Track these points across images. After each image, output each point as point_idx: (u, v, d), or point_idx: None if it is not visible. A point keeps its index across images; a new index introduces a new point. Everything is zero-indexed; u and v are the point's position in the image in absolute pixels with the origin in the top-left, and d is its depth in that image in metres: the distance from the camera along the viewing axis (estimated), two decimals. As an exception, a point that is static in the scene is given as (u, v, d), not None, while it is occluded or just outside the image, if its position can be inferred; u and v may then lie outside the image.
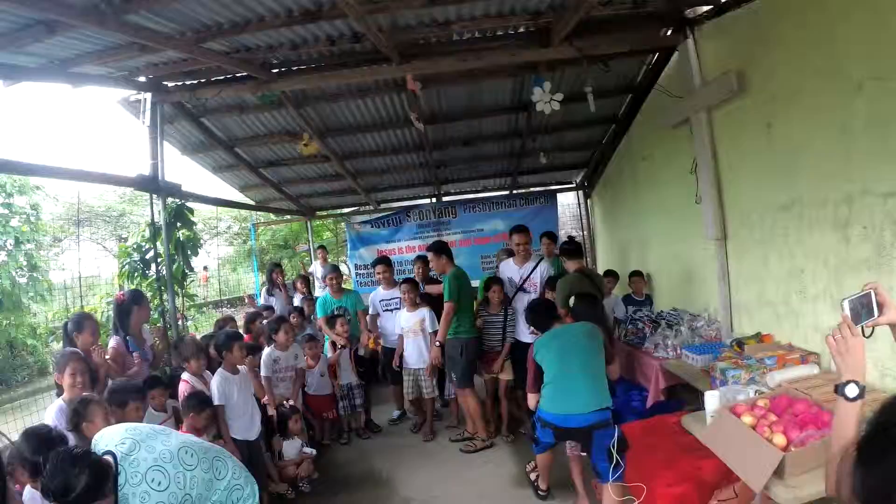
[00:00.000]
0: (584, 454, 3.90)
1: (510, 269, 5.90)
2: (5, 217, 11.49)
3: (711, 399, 3.02)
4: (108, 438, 2.36)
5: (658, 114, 5.84)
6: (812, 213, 3.66)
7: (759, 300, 4.38)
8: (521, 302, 5.56)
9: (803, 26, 3.59)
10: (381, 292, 6.56)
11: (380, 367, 6.86)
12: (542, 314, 4.24)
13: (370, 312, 6.59)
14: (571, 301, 4.66)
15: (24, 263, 11.92)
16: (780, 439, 2.37)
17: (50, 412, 3.43)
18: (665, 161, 6.14)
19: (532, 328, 4.51)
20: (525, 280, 5.72)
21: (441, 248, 5.79)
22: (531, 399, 4.04)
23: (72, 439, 3.10)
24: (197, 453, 2.49)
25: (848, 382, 1.59)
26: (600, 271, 7.74)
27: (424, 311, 5.83)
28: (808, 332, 3.79)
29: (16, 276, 11.68)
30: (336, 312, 6.44)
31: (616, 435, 3.63)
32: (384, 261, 6.64)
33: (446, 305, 5.45)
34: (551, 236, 7.45)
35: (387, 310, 6.45)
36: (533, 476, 4.52)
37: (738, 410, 2.65)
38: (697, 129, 4.93)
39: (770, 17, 3.91)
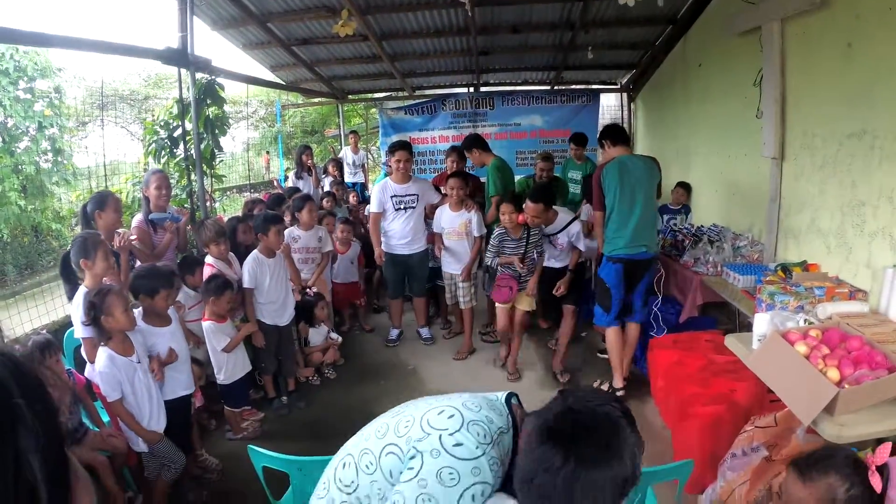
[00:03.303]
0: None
1: None
2: (28, 102, 11.32)
3: (761, 322, 2.89)
4: None
5: (723, 19, 5.38)
6: (884, 146, 3.43)
7: (810, 228, 4.22)
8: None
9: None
10: (392, 185, 5.33)
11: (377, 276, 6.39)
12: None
13: (373, 209, 5.41)
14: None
15: (48, 148, 11.88)
16: (833, 374, 2.31)
17: (77, 301, 3.18)
18: (724, 70, 5.76)
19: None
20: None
21: (472, 144, 5.39)
22: (598, 215, 4.33)
23: (90, 332, 3.06)
24: None
25: None
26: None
27: (472, 212, 5.20)
28: (859, 267, 3.66)
29: (39, 162, 11.66)
30: None
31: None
32: (405, 146, 5.37)
33: (494, 200, 5.08)
34: (580, 140, 7.12)
35: (399, 208, 5.34)
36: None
37: (791, 338, 2.55)
38: (768, 40, 4.56)
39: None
